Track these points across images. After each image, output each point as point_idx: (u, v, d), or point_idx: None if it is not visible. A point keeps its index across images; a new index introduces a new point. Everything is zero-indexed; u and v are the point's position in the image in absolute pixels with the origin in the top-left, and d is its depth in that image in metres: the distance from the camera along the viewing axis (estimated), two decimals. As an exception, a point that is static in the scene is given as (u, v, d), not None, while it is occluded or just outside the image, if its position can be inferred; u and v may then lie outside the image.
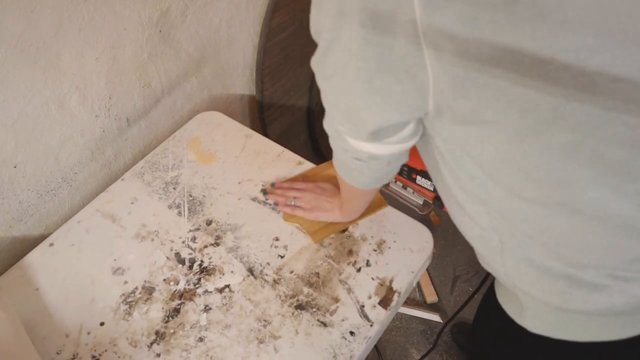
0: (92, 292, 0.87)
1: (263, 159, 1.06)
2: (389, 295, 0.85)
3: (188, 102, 1.18)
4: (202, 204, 0.98)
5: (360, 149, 0.63)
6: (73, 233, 0.95)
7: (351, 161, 0.68)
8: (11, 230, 0.92)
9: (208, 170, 1.04)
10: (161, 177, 1.03)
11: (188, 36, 1.07)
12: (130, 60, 0.97)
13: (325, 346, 0.79)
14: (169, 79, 1.09)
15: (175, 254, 0.91)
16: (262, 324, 0.82)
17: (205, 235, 0.93)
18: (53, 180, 0.95)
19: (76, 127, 0.94)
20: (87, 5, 0.83)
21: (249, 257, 0.90)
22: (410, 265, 0.89)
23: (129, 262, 0.90)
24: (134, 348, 0.80)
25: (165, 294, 0.86)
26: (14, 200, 0.90)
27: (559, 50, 0.39)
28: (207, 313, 0.83)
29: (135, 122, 1.07)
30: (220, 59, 1.21)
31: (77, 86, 0.89)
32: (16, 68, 0.78)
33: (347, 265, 0.89)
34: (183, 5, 1.01)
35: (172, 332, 0.82)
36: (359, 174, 0.71)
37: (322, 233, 0.92)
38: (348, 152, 0.66)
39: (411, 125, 0.57)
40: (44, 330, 0.83)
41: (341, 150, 0.68)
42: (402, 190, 1.66)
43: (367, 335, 0.80)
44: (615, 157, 0.44)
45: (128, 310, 0.84)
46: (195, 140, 1.09)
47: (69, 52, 0.84)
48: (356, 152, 0.65)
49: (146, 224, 0.95)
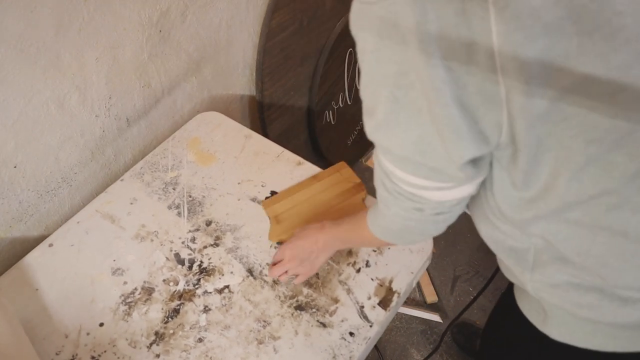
0: (91, 292, 0.87)
1: (262, 159, 1.06)
2: (388, 295, 0.85)
3: (188, 102, 1.18)
4: (202, 204, 0.98)
5: (430, 197, 0.57)
6: (72, 233, 0.95)
7: (411, 213, 0.60)
8: (11, 231, 0.92)
9: (208, 171, 1.04)
10: (161, 177, 1.03)
11: (188, 36, 1.07)
12: (130, 60, 0.97)
13: (325, 347, 0.79)
14: (169, 79, 1.09)
15: (175, 255, 0.91)
16: (262, 325, 0.82)
17: (204, 236, 0.93)
18: (53, 180, 0.95)
19: (76, 127, 0.94)
20: (87, 5, 0.83)
21: (249, 258, 0.90)
22: (409, 266, 0.89)
23: (129, 263, 0.90)
24: (133, 349, 0.80)
25: (164, 295, 0.86)
26: (14, 200, 0.90)
27: (634, 79, 0.39)
28: (206, 314, 0.83)
29: (135, 122, 1.06)
30: (220, 59, 1.21)
31: (77, 86, 0.89)
32: (16, 68, 0.78)
33: (346, 265, 0.89)
34: (183, 5, 1.01)
35: (171, 332, 0.82)
36: (410, 233, 0.65)
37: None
38: (424, 211, 0.59)
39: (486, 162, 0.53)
40: (43, 331, 0.83)
41: (399, 206, 0.60)
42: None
43: (367, 335, 0.80)
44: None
45: (127, 310, 0.84)
46: (194, 141, 1.09)
47: (69, 52, 0.84)
48: (440, 205, 0.58)
49: (146, 225, 0.95)
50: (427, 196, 0.56)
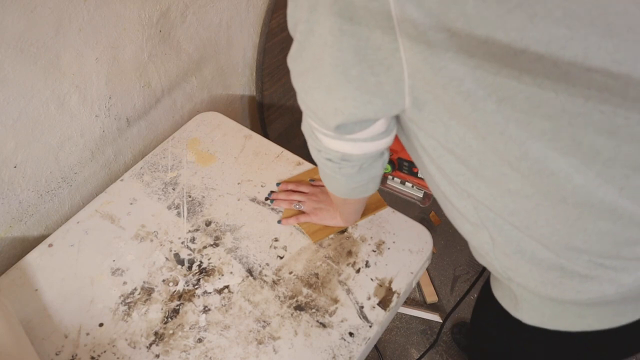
0: (91, 292, 0.87)
1: (262, 159, 1.06)
2: (388, 296, 0.85)
3: (188, 102, 1.18)
4: (202, 204, 0.98)
5: (332, 147, 0.62)
6: (72, 234, 0.95)
7: (325, 164, 0.66)
8: (11, 231, 0.92)
9: (207, 171, 1.04)
10: (160, 177, 1.03)
11: (188, 36, 1.07)
12: (130, 60, 0.97)
13: (325, 347, 0.79)
14: (169, 79, 1.09)
15: (175, 255, 0.91)
16: (262, 325, 0.82)
17: (204, 236, 0.93)
18: (53, 180, 0.95)
19: (76, 127, 0.94)
20: (87, 5, 0.83)
21: (248, 258, 0.90)
22: (409, 266, 0.89)
23: (128, 263, 0.90)
24: (133, 349, 0.80)
25: (164, 295, 0.86)
26: (14, 200, 0.90)
27: (531, 41, 0.40)
28: (206, 314, 0.83)
29: (135, 122, 1.07)
30: (220, 59, 1.21)
31: (77, 86, 0.89)
32: (16, 68, 0.78)
33: (346, 266, 0.89)
34: (183, 5, 1.01)
35: (171, 333, 0.82)
36: (334, 181, 0.70)
37: (321, 233, 0.92)
38: (321, 153, 0.65)
39: (381, 121, 0.57)
40: (43, 331, 0.83)
41: (315, 150, 0.66)
42: (400, 187, 1.66)
43: (367, 336, 0.80)
44: (594, 144, 0.45)
45: (127, 311, 0.84)
46: (194, 141, 1.09)
47: (69, 52, 0.84)
48: (328, 152, 0.63)
49: (145, 225, 0.95)
50: (320, 137, 0.62)
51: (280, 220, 0.94)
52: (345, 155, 0.62)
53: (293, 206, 0.95)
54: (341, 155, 0.62)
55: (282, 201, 0.96)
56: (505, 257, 0.61)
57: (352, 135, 0.59)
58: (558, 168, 0.47)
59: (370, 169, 0.66)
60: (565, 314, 0.62)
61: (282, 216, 0.96)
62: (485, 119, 0.47)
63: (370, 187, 0.72)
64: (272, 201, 0.97)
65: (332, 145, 0.62)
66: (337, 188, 0.73)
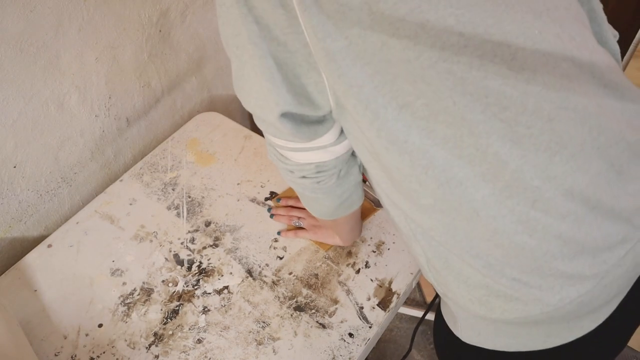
0: (90, 293, 0.87)
1: (262, 160, 1.05)
2: (388, 296, 0.85)
3: (188, 102, 1.18)
4: (201, 205, 0.98)
5: (302, 160, 0.59)
6: (71, 234, 0.94)
7: (302, 184, 0.63)
8: (11, 231, 0.92)
9: (207, 171, 1.04)
10: (160, 178, 1.03)
11: (188, 36, 1.07)
12: (130, 60, 0.97)
13: (324, 348, 0.79)
14: (169, 79, 1.09)
15: (174, 255, 0.91)
16: (261, 326, 0.82)
17: (204, 237, 0.93)
18: (53, 180, 0.95)
19: (76, 127, 0.94)
20: (87, 5, 0.83)
21: (248, 259, 0.90)
22: (409, 267, 0.88)
23: (128, 264, 0.90)
24: (132, 349, 0.80)
25: (163, 296, 0.86)
26: (14, 200, 0.90)
27: (424, 48, 0.41)
28: (205, 314, 0.83)
29: (135, 122, 1.06)
30: (220, 59, 1.20)
31: (77, 86, 0.89)
32: (16, 68, 0.77)
33: (346, 266, 0.89)
34: (183, 5, 1.01)
35: (170, 333, 0.82)
36: (316, 203, 0.68)
37: None
38: (294, 173, 0.62)
39: (328, 124, 0.55)
40: (42, 332, 0.82)
41: (287, 173, 0.63)
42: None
43: (366, 337, 0.80)
44: (499, 154, 0.44)
45: (126, 311, 0.84)
46: (194, 141, 1.09)
47: (68, 52, 0.84)
48: (300, 169, 0.61)
49: (145, 225, 0.95)
50: (288, 156, 0.59)
51: (280, 232, 0.93)
52: (319, 165, 0.60)
53: (292, 222, 0.93)
54: (315, 166, 0.60)
55: (281, 217, 0.94)
56: (436, 273, 0.59)
57: (317, 140, 0.56)
58: (465, 177, 0.46)
59: (348, 175, 0.64)
60: (499, 334, 0.60)
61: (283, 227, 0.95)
62: (387, 126, 0.46)
63: (354, 199, 0.70)
64: (272, 216, 0.95)
65: (301, 159, 0.59)
66: (321, 210, 0.70)
